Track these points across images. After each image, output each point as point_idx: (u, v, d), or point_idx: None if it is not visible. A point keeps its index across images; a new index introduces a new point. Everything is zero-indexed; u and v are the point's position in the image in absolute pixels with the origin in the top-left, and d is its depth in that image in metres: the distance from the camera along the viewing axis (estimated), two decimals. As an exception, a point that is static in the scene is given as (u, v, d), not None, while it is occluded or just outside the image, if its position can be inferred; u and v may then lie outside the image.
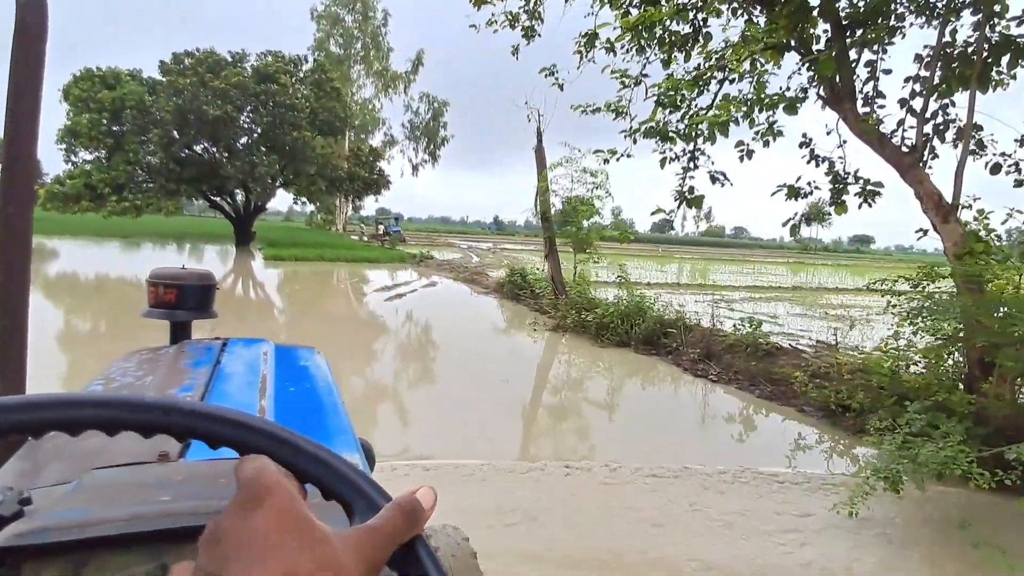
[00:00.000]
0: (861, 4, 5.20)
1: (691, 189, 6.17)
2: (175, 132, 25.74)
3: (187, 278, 1.81)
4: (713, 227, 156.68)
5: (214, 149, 27.10)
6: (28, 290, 1.30)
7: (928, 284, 4.62)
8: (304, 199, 36.14)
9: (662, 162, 6.13)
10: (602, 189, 11.22)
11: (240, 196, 30.81)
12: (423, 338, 9.81)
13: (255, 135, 27.65)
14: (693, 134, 5.89)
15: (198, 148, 27.44)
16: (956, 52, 5.16)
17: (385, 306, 12.37)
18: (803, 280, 26.11)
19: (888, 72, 5.57)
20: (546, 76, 6.90)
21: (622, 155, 6.52)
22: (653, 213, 6.46)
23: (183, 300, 1.79)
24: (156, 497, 0.71)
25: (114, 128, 25.55)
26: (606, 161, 6.90)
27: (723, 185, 6.11)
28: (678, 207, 6.22)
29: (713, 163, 6.14)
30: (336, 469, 0.45)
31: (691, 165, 6.12)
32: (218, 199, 30.29)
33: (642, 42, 6.00)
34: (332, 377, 1.64)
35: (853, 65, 5.29)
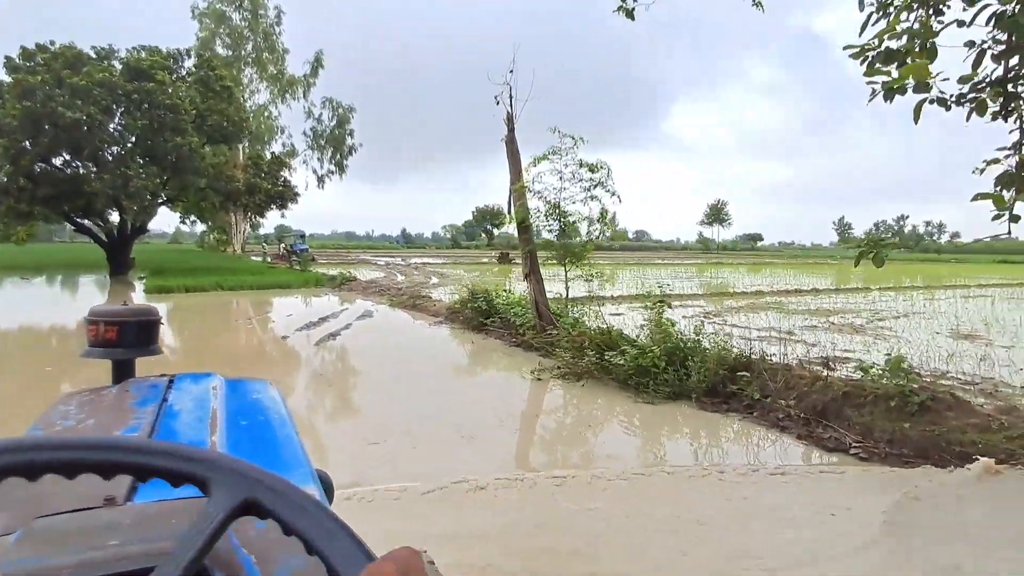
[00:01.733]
0: None
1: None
2: (26, 142, 20.92)
3: (128, 314, 1.71)
4: (617, 231, 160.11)
5: (77, 162, 22.37)
6: None
7: None
8: (194, 217, 31.29)
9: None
10: (602, 188, 8.81)
11: (114, 216, 25.97)
12: (390, 406, 6.73)
13: (129, 143, 23.17)
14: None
15: (57, 161, 22.62)
16: None
17: (317, 354, 9.27)
18: (761, 282, 24.96)
19: None
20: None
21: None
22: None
23: (125, 337, 1.69)
24: (105, 542, 0.69)
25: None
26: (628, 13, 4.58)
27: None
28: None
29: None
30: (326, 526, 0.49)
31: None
32: (85, 221, 25.31)
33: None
34: (286, 409, 1.60)
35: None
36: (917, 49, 3.07)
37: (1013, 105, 3.23)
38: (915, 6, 3.18)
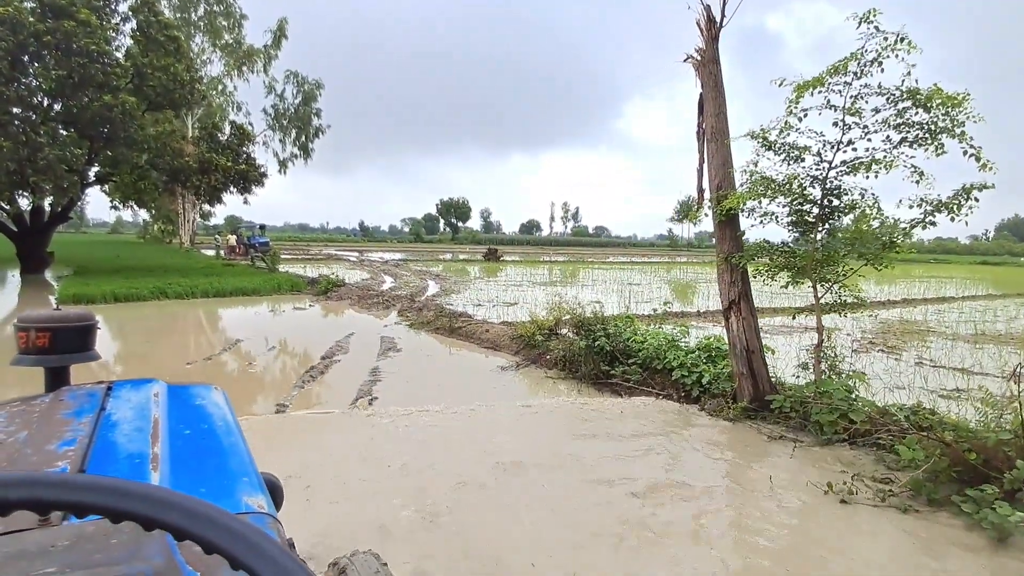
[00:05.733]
0: None
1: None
2: None
3: (61, 319, 1.62)
4: (578, 227, 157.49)
5: (-37, 122, 16.77)
6: None
7: None
8: (131, 202, 25.58)
9: None
10: (948, 136, 4.34)
11: (26, 199, 20.32)
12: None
13: (38, 101, 17.66)
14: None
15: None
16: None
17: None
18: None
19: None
20: None
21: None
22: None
23: (58, 343, 1.60)
24: (42, 568, 0.64)
25: None
26: None
27: None
28: None
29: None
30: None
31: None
32: (-17, 204, 19.65)
33: None
34: (232, 415, 1.54)
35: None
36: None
37: None
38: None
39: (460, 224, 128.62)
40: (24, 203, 20.80)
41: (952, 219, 4.43)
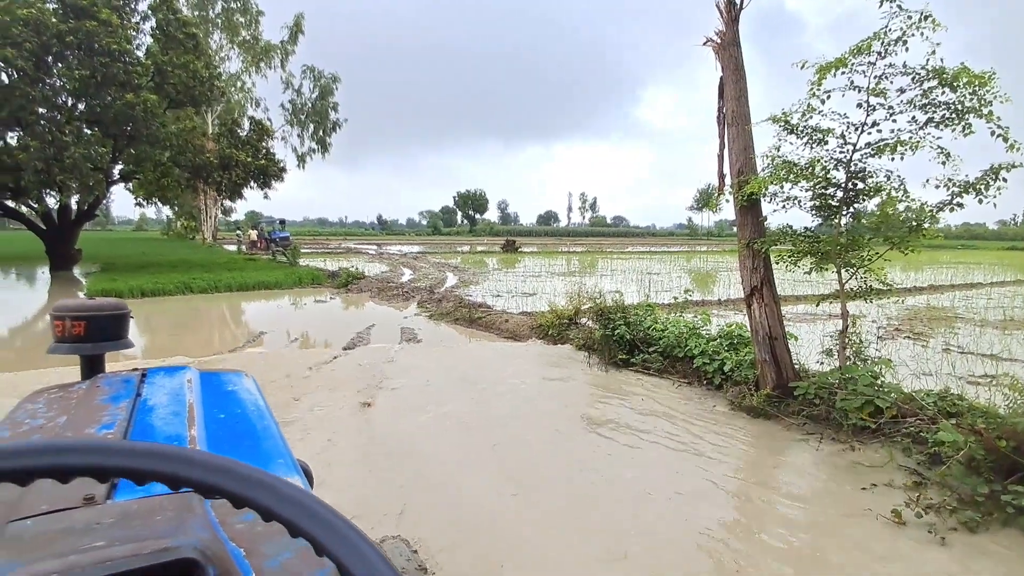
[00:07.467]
0: None
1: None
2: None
3: (96, 308, 1.66)
4: (596, 217, 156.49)
5: (-7, 124, 17.18)
6: None
7: None
8: (156, 199, 25.99)
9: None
10: (975, 115, 4.23)
11: (53, 198, 20.75)
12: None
13: (64, 100, 17.98)
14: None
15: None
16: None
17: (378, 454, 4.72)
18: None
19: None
20: None
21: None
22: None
23: (93, 332, 1.64)
24: (89, 543, 0.65)
25: None
26: None
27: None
28: None
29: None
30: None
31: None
32: (11, 203, 20.11)
33: None
34: (263, 400, 1.57)
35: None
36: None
37: None
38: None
39: (478, 216, 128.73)
40: (51, 202, 21.25)
41: (980, 201, 4.32)
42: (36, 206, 20.78)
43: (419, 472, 4.03)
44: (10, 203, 20.23)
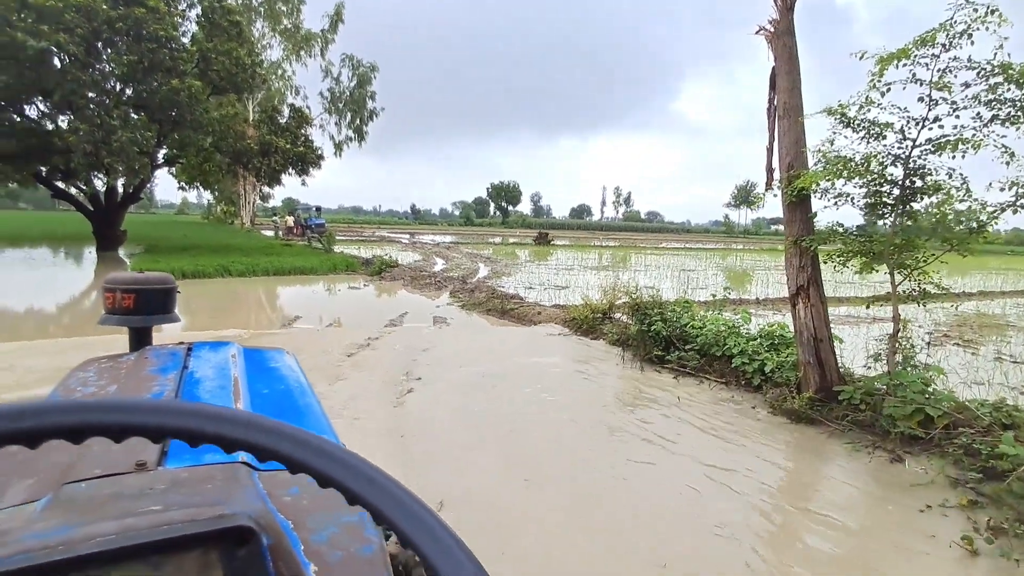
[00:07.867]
0: None
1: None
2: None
3: (145, 282, 1.71)
4: (630, 212, 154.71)
5: (44, 106, 17.76)
6: None
7: None
8: (197, 183, 26.60)
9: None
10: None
11: (100, 180, 21.37)
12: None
13: (112, 85, 18.45)
14: None
15: (20, 107, 17.96)
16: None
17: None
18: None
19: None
20: None
21: None
22: None
23: (142, 305, 1.69)
24: (143, 507, 0.65)
25: None
26: None
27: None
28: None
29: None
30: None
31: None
32: (62, 185, 20.76)
33: None
34: (305, 377, 1.58)
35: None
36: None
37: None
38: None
39: (510, 208, 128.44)
40: (99, 184, 21.89)
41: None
42: (85, 188, 21.45)
43: (444, 458, 4.01)
44: (61, 184, 20.90)
